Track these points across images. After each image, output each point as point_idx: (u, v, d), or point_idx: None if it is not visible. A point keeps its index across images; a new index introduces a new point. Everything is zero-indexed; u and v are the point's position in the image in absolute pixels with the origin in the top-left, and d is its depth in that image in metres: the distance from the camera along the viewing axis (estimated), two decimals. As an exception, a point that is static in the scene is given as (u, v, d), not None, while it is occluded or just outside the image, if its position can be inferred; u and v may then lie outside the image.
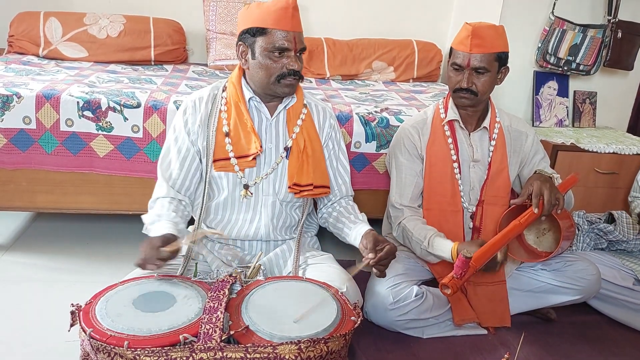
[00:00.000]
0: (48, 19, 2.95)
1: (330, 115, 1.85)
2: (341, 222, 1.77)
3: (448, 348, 1.83)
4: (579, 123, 3.18)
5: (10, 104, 2.10)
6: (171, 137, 1.75)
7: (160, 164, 1.75)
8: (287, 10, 1.58)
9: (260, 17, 1.60)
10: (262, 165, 1.74)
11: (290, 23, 1.59)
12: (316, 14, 3.48)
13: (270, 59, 1.61)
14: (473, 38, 1.80)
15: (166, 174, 1.72)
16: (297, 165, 1.72)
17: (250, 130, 1.68)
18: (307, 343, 1.25)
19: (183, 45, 3.21)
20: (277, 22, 1.58)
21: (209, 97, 1.74)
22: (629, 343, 1.97)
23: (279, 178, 1.75)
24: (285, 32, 1.59)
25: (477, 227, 1.94)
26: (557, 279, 1.92)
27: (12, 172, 2.18)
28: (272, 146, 1.74)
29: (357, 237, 1.66)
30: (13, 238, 2.40)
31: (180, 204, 1.71)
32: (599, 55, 3.02)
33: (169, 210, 1.64)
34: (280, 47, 1.59)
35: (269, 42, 1.59)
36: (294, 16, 1.60)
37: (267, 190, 1.75)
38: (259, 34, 1.60)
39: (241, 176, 1.72)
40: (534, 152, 2.01)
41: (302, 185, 1.72)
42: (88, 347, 1.24)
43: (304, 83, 3.04)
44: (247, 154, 1.69)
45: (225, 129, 1.70)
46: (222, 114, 1.71)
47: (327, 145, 1.83)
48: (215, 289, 1.42)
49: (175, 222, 1.60)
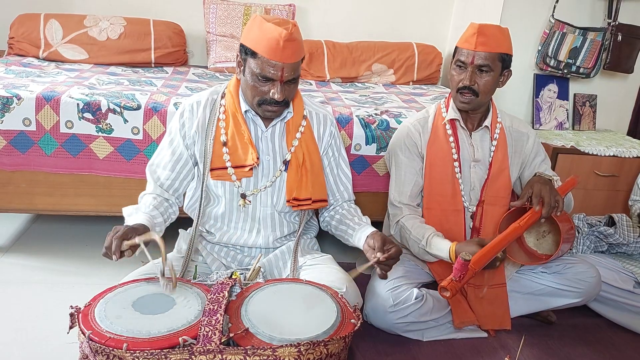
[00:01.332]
0: (48, 21, 2.95)
1: (331, 123, 1.83)
2: (344, 224, 1.77)
3: (448, 351, 1.83)
4: (579, 126, 3.18)
5: (10, 105, 2.10)
6: (166, 139, 1.74)
7: (150, 164, 1.74)
8: (278, 42, 1.52)
9: (255, 40, 1.56)
10: (260, 176, 1.73)
11: (280, 55, 1.53)
12: (316, 17, 3.49)
13: (256, 83, 1.59)
14: (479, 36, 1.80)
15: (155, 175, 1.72)
16: (296, 179, 1.72)
17: (248, 141, 1.68)
18: (307, 346, 1.25)
19: (183, 47, 3.21)
20: (267, 50, 1.53)
21: (207, 102, 1.73)
22: (629, 346, 1.97)
23: (277, 191, 1.75)
24: (274, 62, 1.54)
25: (476, 227, 1.94)
26: (558, 281, 1.92)
27: (12, 173, 2.18)
28: (269, 158, 1.73)
29: (361, 238, 1.66)
30: (12, 240, 2.40)
31: (166, 201, 1.71)
32: (599, 58, 3.03)
33: (150, 205, 1.64)
34: (266, 75, 1.56)
35: (257, 67, 1.56)
36: (286, 48, 1.53)
37: (265, 202, 1.75)
38: (250, 54, 1.57)
39: (238, 185, 1.72)
40: (534, 153, 2.01)
41: (301, 199, 1.72)
42: (87, 349, 1.24)
43: (305, 85, 3.05)
44: (244, 164, 1.69)
45: (223, 138, 1.69)
46: (221, 123, 1.70)
47: (327, 153, 1.83)
48: (214, 292, 1.42)
49: (152, 215, 1.60)
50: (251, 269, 1.65)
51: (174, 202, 1.74)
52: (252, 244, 1.79)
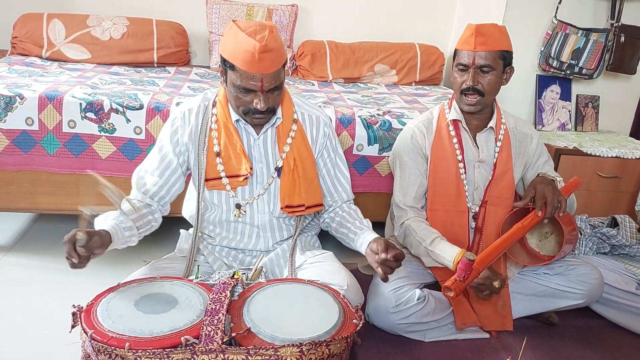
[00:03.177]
0: (51, 20, 2.96)
1: (324, 124, 1.81)
2: (345, 227, 1.76)
3: (450, 352, 1.83)
4: (581, 127, 3.18)
5: (13, 105, 2.11)
6: (157, 145, 1.73)
7: (138, 170, 1.72)
8: (253, 55, 1.48)
9: (231, 52, 1.52)
10: (255, 184, 1.73)
11: (257, 66, 1.49)
12: (319, 17, 3.49)
13: (238, 94, 1.57)
14: (477, 36, 1.80)
15: (142, 181, 1.70)
16: (288, 185, 1.71)
17: (240, 152, 1.67)
18: (309, 345, 1.25)
19: (186, 47, 3.21)
20: (243, 63, 1.50)
21: (199, 109, 1.71)
22: (632, 347, 1.96)
23: (272, 198, 1.74)
24: (252, 74, 1.51)
25: (479, 228, 1.94)
26: (560, 282, 1.92)
27: (14, 173, 2.18)
28: (262, 166, 1.72)
29: (363, 243, 1.65)
30: (14, 239, 2.40)
31: (146, 207, 1.68)
32: (602, 59, 3.02)
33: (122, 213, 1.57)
34: (246, 87, 1.54)
35: (236, 79, 1.53)
36: (263, 59, 1.49)
37: (262, 209, 1.75)
38: (229, 67, 1.54)
39: (232, 195, 1.71)
40: (538, 154, 2.01)
41: (294, 205, 1.72)
42: (89, 349, 1.24)
43: (307, 86, 3.05)
44: (238, 173, 1.68)
45: (216, 148, 1.68)
46: (213, 133, 1.69)
47: (322, 154, 1.81)
48: (217, 291, 1.42)
49: (119, 220, 1.55)
50: (253, 269, 1.65)
51: (156, 208, 1.71)
52: (252, 248, 1.79)
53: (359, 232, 1.70)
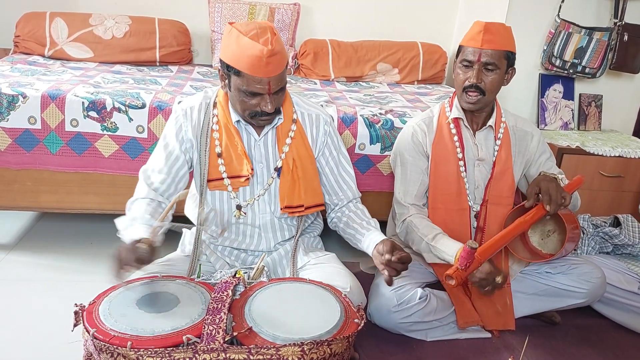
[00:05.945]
0: (54, 19, 2.96)
1: (324, 122, 1.80)
2: (352, 227, 1.75)
3: (452, 351, 1.83)
4: (584, 126, 3.17)
5: (15, 104, 2.11)
6: (161, 143, 1.73)
7: (145, 169, 1.71)
8: (261, 59, 1.47)
9: (235, 57, 1.51)
10: (255, 185, 1.73)
11: (264, 70, 1.49)
12: (321, 16, 3.48)
13: (244, 98, 1.56)
14: (485, 34, 1.80)
15: (149, 180, 1.69)
16: (288, 186, 1.71)
17: (241, 153, 1.67)
18: (311, 345, 1.25)
19: (188, 46, 3.21)
20: (250, 68, 1.49)
21: (200, 106, 1.71)
22: (634, 347, 1.96)
23: (273, 198, 1.74)
24: (259, 78, 1.50)
25: (481, 227, 1.94)
26: (562, 281, 1.91)
27: (17, 172, 2.18)
28: (262, 166, 1.72)
29: (370, 245, 1.64)
30: (17, 238, 2.41)
31: (160, 206, 1.68)
32: (605, 58, 3.01)
33: (145, 212, 1.57)
34: (253, 91, 1.53)
35: (242, 84, 1.52)
36: (270, 63, 1.48)
37: (264, 210, 1.75)
38: (233, 72, 1.53)
39: (233, 196, 1.72)
40: (540, 152, 2.00)
41: (294, 206, 1.72)
42: (91, 347, 1.24)
43: (309, 85, 3.04)
44: (239, 174, 1.69)
45: (218, 149, 1.68)
46: (215, 134, 1.69)
47: (324, 153, 1.80)
48: (218, 290, 1.42)
49: (150, 225, 1.54)
50: (255, 268, 1.65)
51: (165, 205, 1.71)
52: (254, 248, 1.79)
53: (366, 233, 1.69)
